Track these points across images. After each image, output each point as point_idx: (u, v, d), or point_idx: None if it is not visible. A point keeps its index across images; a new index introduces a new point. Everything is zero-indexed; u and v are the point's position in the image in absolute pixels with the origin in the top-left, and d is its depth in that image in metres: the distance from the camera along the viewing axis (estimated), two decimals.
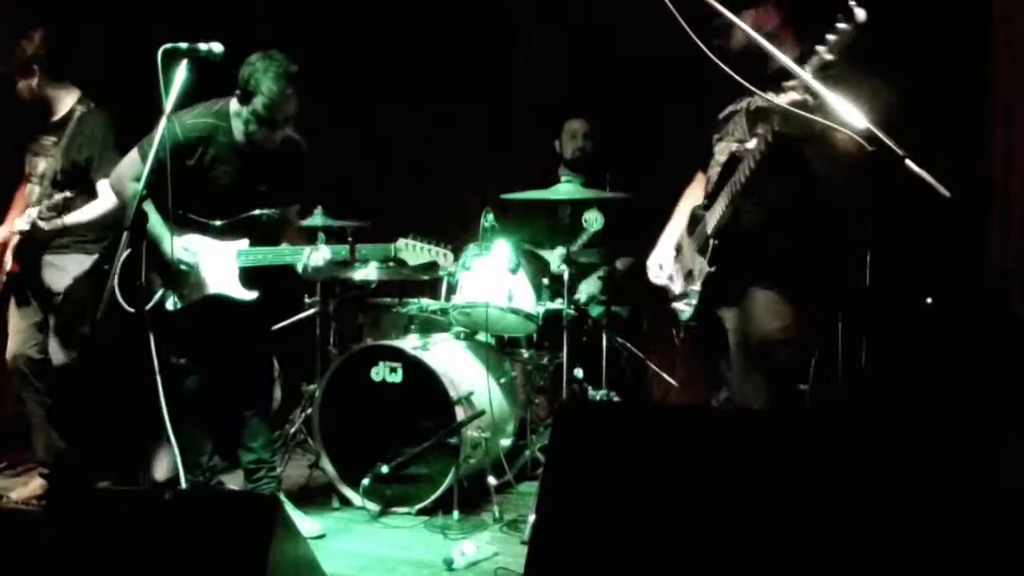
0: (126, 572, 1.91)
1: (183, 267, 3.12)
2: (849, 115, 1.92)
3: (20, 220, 3.53)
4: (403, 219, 4.45)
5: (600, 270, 4.41)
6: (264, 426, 3.42)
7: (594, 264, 4.41)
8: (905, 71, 3.34)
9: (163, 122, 2.65)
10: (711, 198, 2.74)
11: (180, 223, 3.09)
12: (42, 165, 3.62)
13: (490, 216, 4.00)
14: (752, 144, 2.56)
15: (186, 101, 2.84)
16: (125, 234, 2.57)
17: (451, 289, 4.01)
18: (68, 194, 3.49)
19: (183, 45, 2.68)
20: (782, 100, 2.33)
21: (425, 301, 4.16)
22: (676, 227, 3.00)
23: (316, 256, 3.15)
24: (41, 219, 3.47)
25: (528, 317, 3.87)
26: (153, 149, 2.63)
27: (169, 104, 2.64)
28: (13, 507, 3.60)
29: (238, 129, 3.14)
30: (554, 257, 4.30)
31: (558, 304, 3.90)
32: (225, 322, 3.20)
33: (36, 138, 3.67)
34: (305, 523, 3.25)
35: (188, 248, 3.13)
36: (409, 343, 3.78)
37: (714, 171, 2.78)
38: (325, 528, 3.37)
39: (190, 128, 3.10)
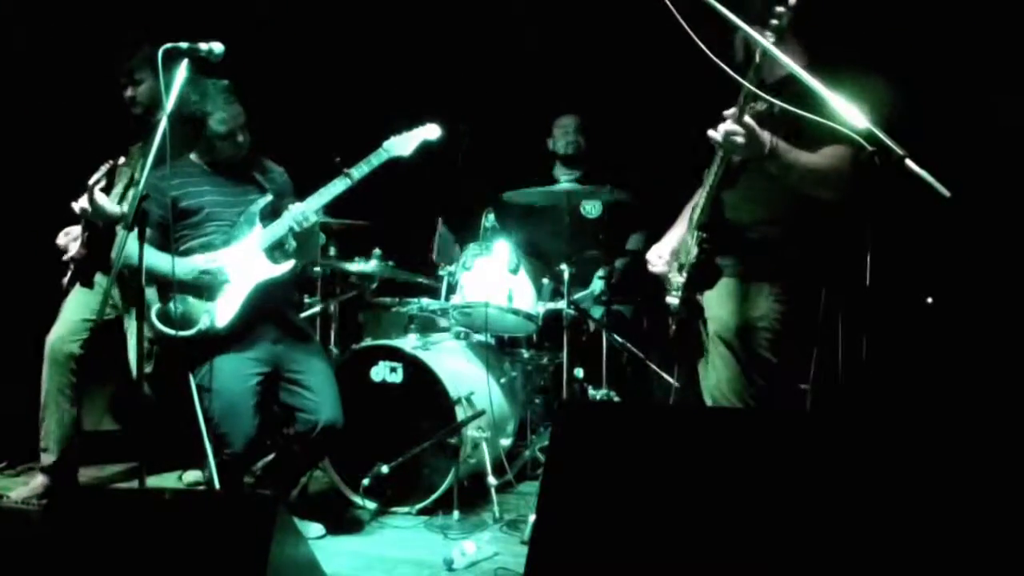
0: (126, 572, 1.91)
1: (211, 273, 3.13)
2: (848, 114, 1.92)
3: (80, 200, 3.51)
4: (402, 219, 4.46)
5: (600, 270, 4.41)
6: (311, 465, 3.44)
7: (595, 261, 4.41)
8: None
9: (164, 122, 2.65)
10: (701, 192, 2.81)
11: (185, 255, 3.14)
12: (128, 174, 3.63)
13: (490, 216, 4.00)
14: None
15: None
16: (123, 233, 2.57)
17: (451, 289, 4.01)
18: (123, 159, 3.48)
19: (183, 45, 2.68)
20: (716, 135, 2.43)
21: (425, 301, 4.17)
22: (682, 223, 3.03)
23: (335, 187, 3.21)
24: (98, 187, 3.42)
25: (528, 317, 3.87)
26: (154, 148, 2.63)
27: (169, 104, 2.64)
28: (13, 507, 3.61)
29: (204, 161, 3.29)
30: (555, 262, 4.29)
31: (558, 304, 3.90)
32: (279, 317, 3.26)
33: (128, 149, 3.68)
34: (306, 524, 3.25)
35: (208, 258, 3.16)
36: (409, 343, 3.79)
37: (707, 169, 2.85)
38: (325, 528, 3.37)
39: (156, 175, 2.95)
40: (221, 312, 3.13)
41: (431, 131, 3.35)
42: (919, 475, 1.67)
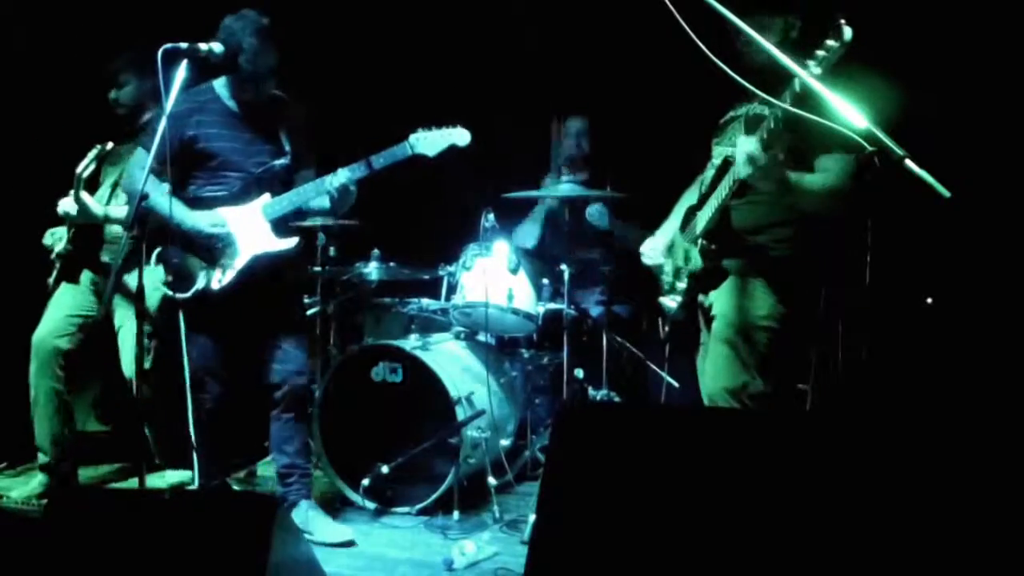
0: (126, 572, 1.91)
1: (217, 239, 3.13)
2: (848, 114, 1.92)
3: (65, 200, 3.53)
4: (402, 219, 4.46)
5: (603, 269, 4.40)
6: (300, 428, 3.36)
7: (596, 263, 4.41)
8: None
9: (163, 122, 2.65)
10: (704, 199, 2.80)
11: (197, 205, 3.15)
12: (115, 174, 3.64)
13: (490, 216, 3.99)
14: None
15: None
16: (125, 234, 2.57)
17: (451, 289, 4.01)
18: (111, 144, 3.49)
19: (183, 45, 2.68)
20: (740, 154, 2.43)
21: (425, 301, 4.16)
22: (673, 223, 3.05)
23: (336, 180, 3.16)
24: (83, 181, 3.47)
25: (528, 317, 3.87)
26: (153, 149, 2.63)
27: (169, 104, 2.65)
28: (13, 507, 3.61)
29: (227, 96, 3.23)
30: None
31: (558, 304, 3.90)
32: (272, 286, 3.22)
33: (114, 149, 3.67)
34: (335, 529, 3.23)
35: (215, 221, 3.14)
36: (409, 343, 3.79)
37: (708, 173, 2.84)
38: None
39: (180, 102, 3.08)
40: (218, 275, 3.15)
41: (460, 136, 3.25)
42: (919, 475, 1.67)
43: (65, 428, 3.67)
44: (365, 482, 3.49)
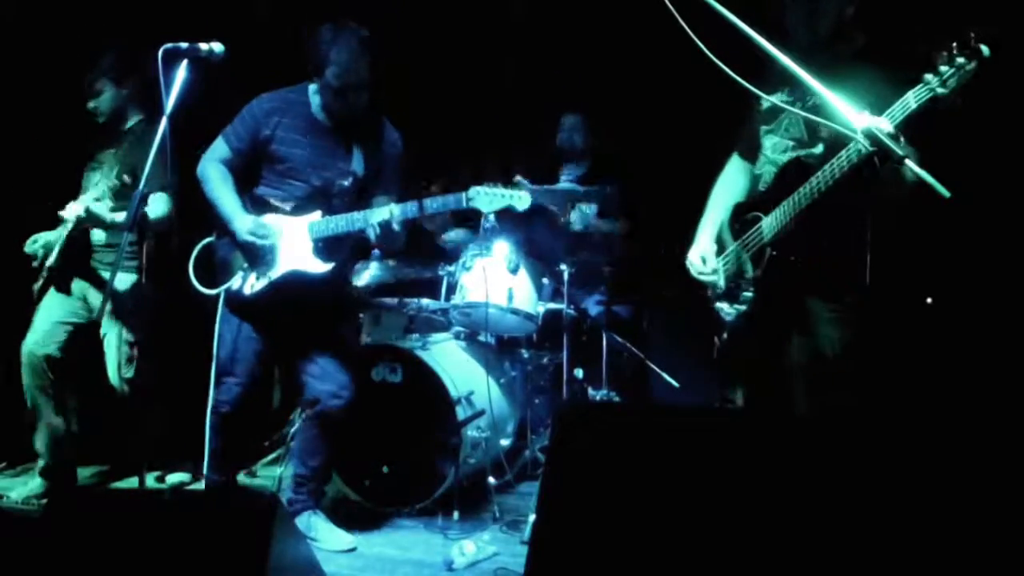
0: (126, 572, 1.91)
1: (254, 246, 3.10)
2: (849, 114, 1.92)
3: (74, 205, 3.51)
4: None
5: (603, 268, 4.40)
6: (327, 448, 3.29)
7: (597, 263, 4.41)
8: None
9: (163, 123, 2.65)
10: (767, 201, 2.53)
11: (259, 205, 3.15)
12: (98, 178, 3.64)
13: (490, 216, 3.99)
14: (829, 160, 2.32)
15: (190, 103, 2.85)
16: (125, 234, 2.57)
17: (451, 289, 4.01)
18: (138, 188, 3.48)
19: (183, 45, 2.68)
20: (865, 125, 2.10)
21: (425, 301, 4.17)
22: (715, 219, 2.75)
23: (376, 216, 3.04)
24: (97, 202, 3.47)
25: (528, 317, 3.88)
26: (154, 148, 2.63)
27: (169, 104, 2.64)
28: (13, 507, 3.61)
29: (317, 104, 3.17)
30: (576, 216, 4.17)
31: (558, 304, 3.90)
32: (308, 304, 3.16)
33: (94, 155, 3.70)
34: (338, 535, 3.22)
35: (261, 227, 3.10)
36: (409, 343, 3.79)
37: (767, 169, 2.59)
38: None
39: (266, 100, 3.18)
40: (252, 280, 3.13)
41: (521, 200, 3.09)
42: (920, 476, 1.67)
43: (64, 432, 3.66)
44: (365, 482, 3.50)
